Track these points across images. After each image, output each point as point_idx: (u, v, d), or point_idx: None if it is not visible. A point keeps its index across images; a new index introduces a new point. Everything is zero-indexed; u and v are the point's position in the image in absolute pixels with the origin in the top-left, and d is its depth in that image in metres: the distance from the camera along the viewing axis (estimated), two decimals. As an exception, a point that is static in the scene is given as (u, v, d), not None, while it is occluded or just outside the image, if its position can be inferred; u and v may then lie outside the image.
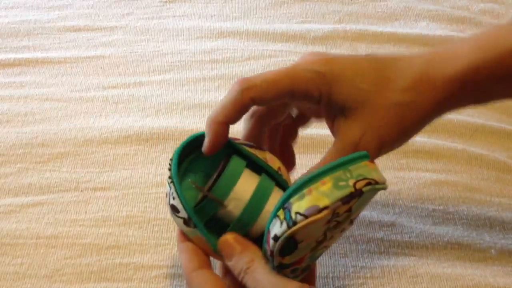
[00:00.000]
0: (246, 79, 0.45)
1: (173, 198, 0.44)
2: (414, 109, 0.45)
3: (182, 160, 0.47)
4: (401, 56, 0.48)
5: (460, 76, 0.45)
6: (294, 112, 0.52)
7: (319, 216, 0.39)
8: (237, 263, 0.42)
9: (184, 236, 0.45)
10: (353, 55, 0.48)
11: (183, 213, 0.43)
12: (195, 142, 0.47)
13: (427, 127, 0.48)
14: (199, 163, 0.48)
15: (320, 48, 0.79)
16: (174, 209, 0.44)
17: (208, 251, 0.44)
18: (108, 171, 0.62)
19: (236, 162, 0.46)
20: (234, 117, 0.45)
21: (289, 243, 0.40)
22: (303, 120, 0.53)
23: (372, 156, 0.44)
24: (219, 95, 0.71)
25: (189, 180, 0.47)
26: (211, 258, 0.45)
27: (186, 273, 0.43)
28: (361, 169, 0.41)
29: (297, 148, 0.54)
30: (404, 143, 0.48)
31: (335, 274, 0.54)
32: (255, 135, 0.50)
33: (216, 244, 0.44)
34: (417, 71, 0.46)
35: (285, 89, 0.44)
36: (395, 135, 0.46)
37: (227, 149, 0.47)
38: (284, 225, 0.39)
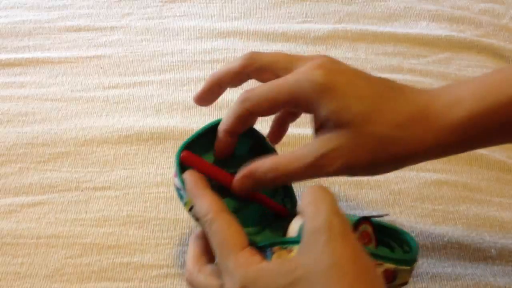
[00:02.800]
0: (246, 91, 0.47)
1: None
2: (394, 145, 0.44)
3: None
4: (405, 89, 0.46)
5: (456, 123, 0.44)
6: None
7: None
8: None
9: (201, 183, 0.46)
10: (359, 71, 0.47)
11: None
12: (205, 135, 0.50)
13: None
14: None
15: (320, 48, 0.79)
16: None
17: None
18: (108, 171, 0.62)
19: None
20: (235, 127, 0.48)
21: None
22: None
23: (333, 174, 0.44)
24: (219, 95, 0.71)
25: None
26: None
27: (212, 212, 0.43)
28: None
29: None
30: (375, 174, 0.47)
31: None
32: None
33: None
34: (415, 110, 0.44)
35: (279, 99, 0.46)
36: (366, 163, 0.44)
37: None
38: None
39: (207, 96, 0.52)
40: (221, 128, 0.48)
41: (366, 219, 0.45)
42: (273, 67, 0.48)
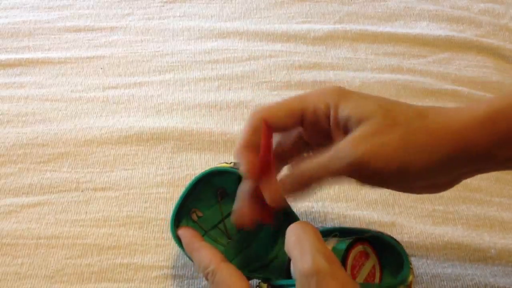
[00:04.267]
0: (259, 107, 0.46)
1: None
2: (421, 134, 0.41)
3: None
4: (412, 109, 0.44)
5: (479, 121, 0.41)
6: None
7: None
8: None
9: (199, 239, 0.49)
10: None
11: None
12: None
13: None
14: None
15: (320, 48, 0.79)
16: None
17: None
18: (108, 171, 0.62)
19: None
20: (250, 139, 0.45)
21: None
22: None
23: (372, 172, 0.41)
24: (219, 95, 0.71)
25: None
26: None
27: (212, 264, 0.46)
28: None
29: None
30: (403, 183, 0.43)
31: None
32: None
33: None
34: (431, 112, 0.43)
35: (296, 107, 0.45)
36: (397, 159, 0.41)
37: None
38: None
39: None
40: (238, 145, 0.45)
41: (360, 240, 0.46)
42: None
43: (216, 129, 0.66)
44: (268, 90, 0.72)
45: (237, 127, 0.67)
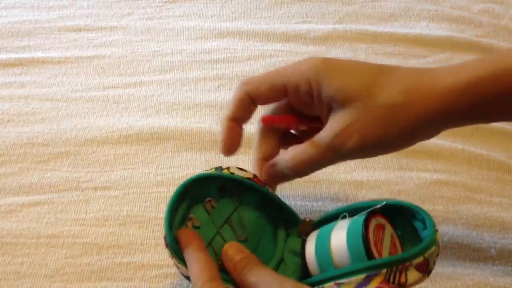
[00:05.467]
0: (246, 78, 0.48)
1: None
2: (403, 111, 0.44)
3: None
4: (401, 67, 0.47)
5: (460, 87, 0.44)
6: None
7: None
8: (238, 265, 0.43)
9: (196, 245, 0.44)
10: (353, 60, 0.48)
11: None
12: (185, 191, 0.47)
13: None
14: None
15: (320, 48, 0.79)
16: None
17: None
18: (108, 170, 0.62)
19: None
20: (236, 112, 0.48)
21: None
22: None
23: (351, 153, 0.45)
24: (219, 95, 0.71)
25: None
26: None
27: (198, 283, 0.42)
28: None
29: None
30: (391, 149, 0.47)
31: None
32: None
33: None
34: (414, 79, 0.45)
35: (277, 82, 0.47)
36: (379, 135, 0.45)
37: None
38: None
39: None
40: (224, 116, 0.48)
41: (373, 213, 0.44)
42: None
43: (216, 128, 0.66)
44: (268, 90, 0.72)
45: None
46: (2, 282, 0.53)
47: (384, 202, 0.44)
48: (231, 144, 0.48)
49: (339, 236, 0.43)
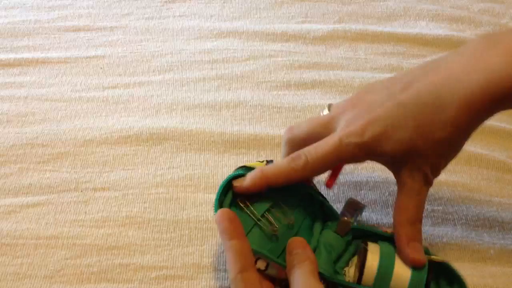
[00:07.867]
0: (300, 151, 0.49)
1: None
2: (457, 136, 0.46)
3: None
4: (438, 86, 0.46)
5: (494, 84, 0.44)
6: None
7: None
8: (295, 257, 0.45)
9: (230, 233, 0.45)
10: (390, 103, 0.47)
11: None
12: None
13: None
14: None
15: (319, 48, 0.79)
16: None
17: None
18: (108, 171, 0.62)
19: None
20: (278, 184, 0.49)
21: None
22: None
23: (431, 181, 0.48)
24: (219, 95, 0.71)
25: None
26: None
27: (231, 274, 0.43)
28: None
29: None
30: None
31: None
32: None
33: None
34: (456, 101, 0.45)
35: (333, 162, 0.48)
36: (444, 161, 0.48)
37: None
38: None
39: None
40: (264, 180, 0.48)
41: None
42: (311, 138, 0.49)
43: (216, 129, 0.66)
44: (267, 90, 0.72)
45: (236, 127, 0.67)
46: (2, 283, 0.53)
47: (446, 262, 0.48)
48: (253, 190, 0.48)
49: (405, 269, 0.46)
